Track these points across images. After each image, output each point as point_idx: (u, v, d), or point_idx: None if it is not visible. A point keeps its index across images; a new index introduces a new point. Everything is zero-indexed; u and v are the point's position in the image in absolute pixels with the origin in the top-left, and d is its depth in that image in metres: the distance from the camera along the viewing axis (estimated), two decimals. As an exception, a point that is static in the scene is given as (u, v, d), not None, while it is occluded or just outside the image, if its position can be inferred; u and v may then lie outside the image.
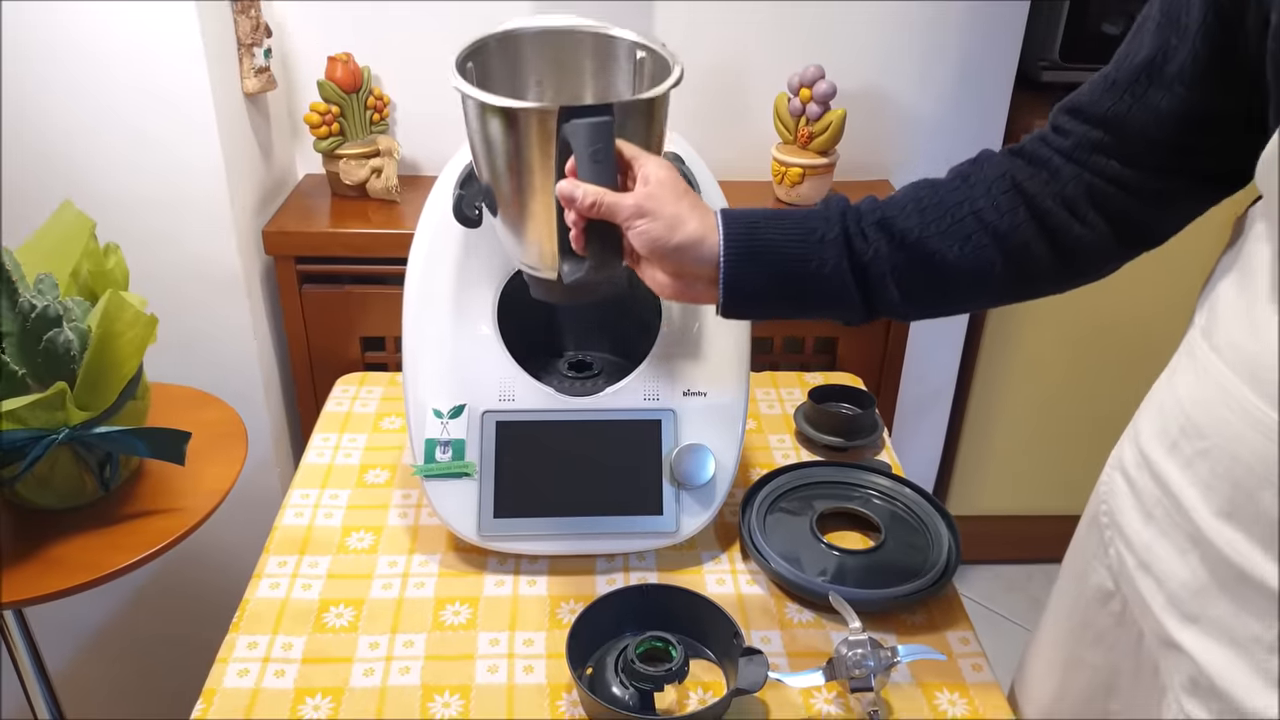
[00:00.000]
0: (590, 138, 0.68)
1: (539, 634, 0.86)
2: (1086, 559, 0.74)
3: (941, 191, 0.69)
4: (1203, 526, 0.60)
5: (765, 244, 0.68)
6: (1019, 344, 1.79)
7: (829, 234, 0.68)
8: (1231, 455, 0.58)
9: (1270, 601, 0.56)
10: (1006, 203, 0.68)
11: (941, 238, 0.68)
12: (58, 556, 0.90)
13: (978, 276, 0.69)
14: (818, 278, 0.68)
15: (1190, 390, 0.63)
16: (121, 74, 1.18)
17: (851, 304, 0.69)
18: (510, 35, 0.85)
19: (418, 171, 1.53)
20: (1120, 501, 0.70)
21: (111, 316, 0.90)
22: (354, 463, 1.10)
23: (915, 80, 1.50)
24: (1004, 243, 0.67)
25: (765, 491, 1.02)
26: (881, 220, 0.68)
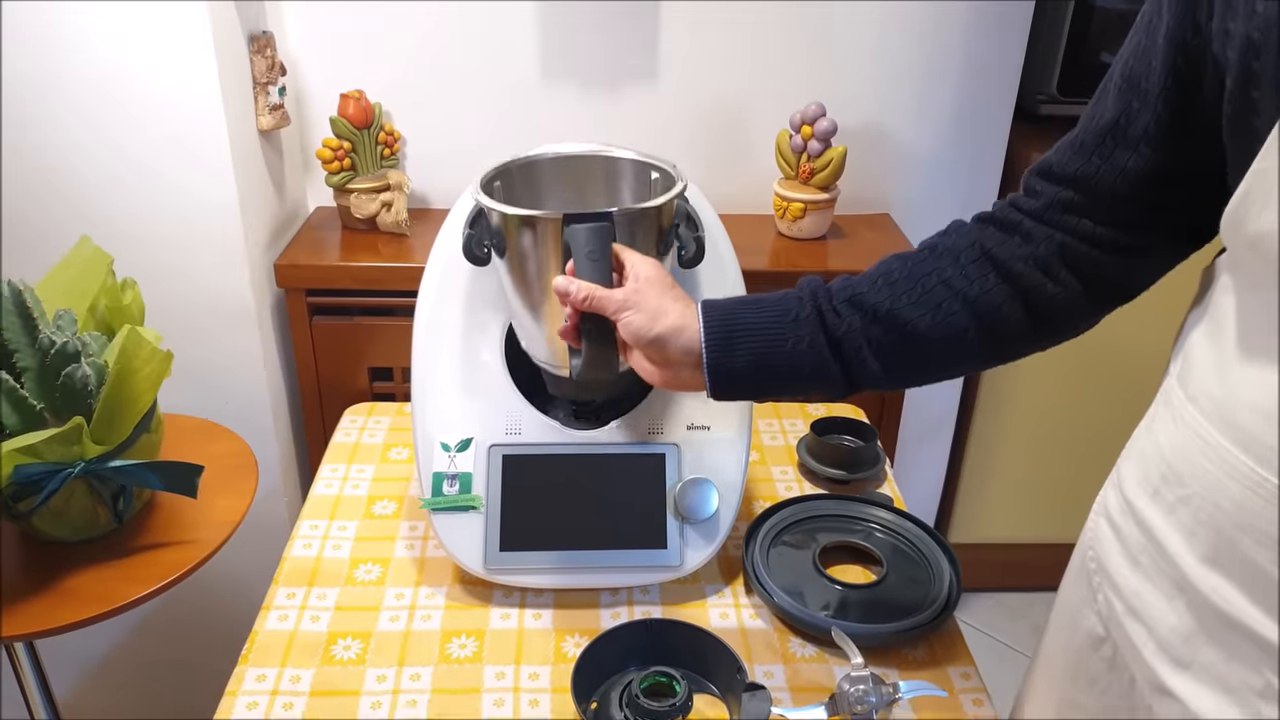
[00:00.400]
0: (586, 239, 0.76)
1: (544, 668, 0.87)
2: (1076, 604, 0.75)
3: (910, 264, 0.72)
4: (1188, 573, 0.61)
5: (743, 328, 0.73)
6: (1019, 373, 1.80)
7: (802, 313, 0.72)
8: (1213, 503, 0.59)
9: (1257, 647, 0.57)
10: (975, 270, 0.70)
11: (913, 308, 0.71)
12: (71, 588, 0.92)
13: (952, 343, 0.71)
14: (795, 355, 0.72)
15: (1169, 438, 0.64)
16: (140, 113, 1.21)
17: (832, 378, 0.73)
18: (531, 161, 0.95)
19: (427, 205, 1.56)
20: (1107, 548, 0.71)
21: (129, 353, 0.92)
22: (362, 494, 1.11)
23: (915, 116, 1.52)
24: (975, 307, 0.70)
25: (768, 525, 1.03)
26: (852, 297, 0.72)
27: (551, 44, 1.43)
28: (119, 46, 1.17)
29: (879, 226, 1.53)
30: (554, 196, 0.96)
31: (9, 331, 0.92)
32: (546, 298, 0.86)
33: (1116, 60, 0.67)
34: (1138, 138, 0.64)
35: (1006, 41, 1.49)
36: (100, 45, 1.16)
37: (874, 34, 1.45)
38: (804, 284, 0.75)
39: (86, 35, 1.16)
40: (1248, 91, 0.55)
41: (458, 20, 1.42)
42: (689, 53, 1.45)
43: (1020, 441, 1.88)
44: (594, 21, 1.42)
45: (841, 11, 1.43)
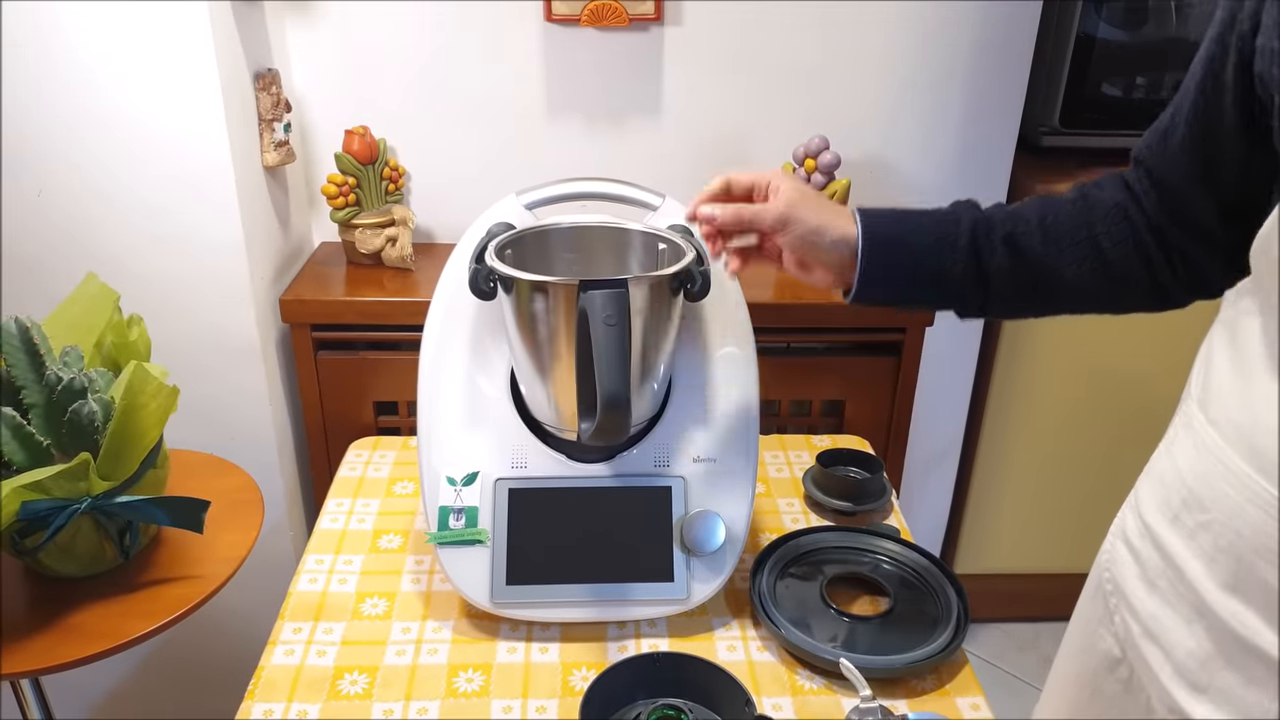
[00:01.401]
0: (603, 305, 0.79)
1: (551, 701, 0.87)
2: (1092, 626, 0.75)
3: (1065, 213, 0.74)
4: (1207, 598, 0.61)
5: (901, 247, 0.75)
6: (1025, 403, 1.80)
7: (960, 239, 0.74)
8: (1234, 530, 0.59)
9: (1273, 673, 0.57)
10: (1118, 231, 0.73)
11: (1060, 257, 0.73)
12: (77, 624, 0.92)
13: (1082, 294, 0.75)
14: (945, 278, 0.75)
15: (1190, 463, 0.64)
16: (146, 150, 1.22)
17: (966, 303, 0.76)
18: (544, 230, 0.98)
19: (432, 240, 1.57)
20: (1124, 570, 0.71)
21: (135, 389, 0.92)
22: (367, 528, 1.11)
23: (918, 149, 1.54)
24: (1111, 269, 0.73)
25: (775, 557, 1.03)
26: (1008, 236, 0.74)
27: (555, 79, 1.45)
28: (125, 84, 1.18)
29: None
30: (563, 263, 0.99)
31: (16, 368, 0.93)
32: (556, 362, 0.89)
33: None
34: (1180, 144, 0.67)
35: (1008, 74, 1.51)
36: (106, 82, 1.18)
37: (877, 67, 1.47)
38: (962, 211, 0.76)
39: (92, 72, 1.17)
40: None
41: (462, 56, 1.44)
42: (693, 86, 1.47)
43: (1026, 471, 1.87)
44: (597, 55, 1.44)
45: (845, 44, 1.45)
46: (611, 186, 1.01)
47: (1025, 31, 1.49)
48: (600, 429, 0.81)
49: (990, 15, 1.46)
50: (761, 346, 1.01)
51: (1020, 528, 1.92)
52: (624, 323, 0.80)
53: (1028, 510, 1.90)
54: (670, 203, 1.01)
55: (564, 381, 0.90)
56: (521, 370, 0.94)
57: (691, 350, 0.99)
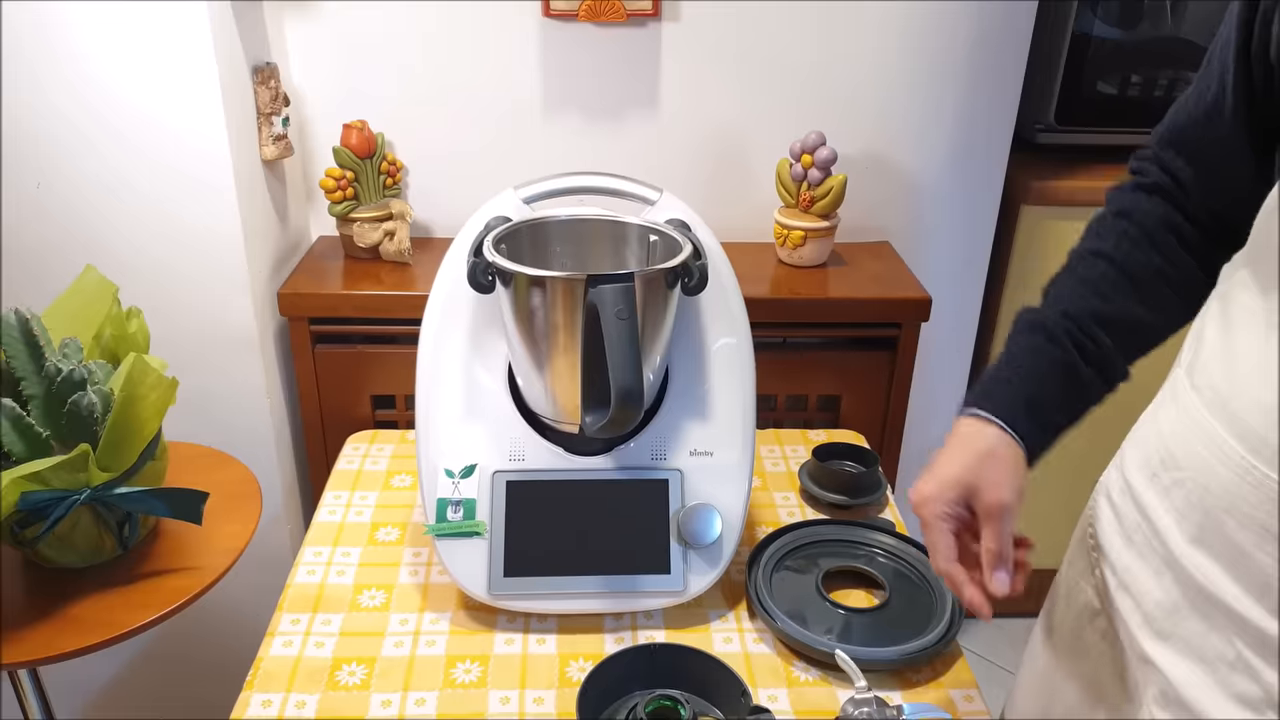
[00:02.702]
0: (614, 299, 0.80)
1: (549, 692, 0.87)
2: (1075, 578, 0.79)
3: (1119, 261, 0.75)
4: (1175, 551, 0.65)
5: (1034, 402, 0.75)
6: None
7: (1068, 358, 0.74)
8: (1203, 486, 0.62)
9: (1232, 622, 0.61)
10: (1173, 254, 0.74)
11: (1141, 307, 0.74)
12: (76, 615, 0.92)
13: (1169, 323, 0.76)
14: (1081, 401, 0.76)
15: (1171, 425, 0.67)
16: (144, 144, 1.22)
17: (1098, 392, 0.76)
18: (539, 222, 0.99)
19: (429, 234, 1.57)
20: (1105, 525, 0.75)
21: (134, 380, 0.92)
22: (365, 520, 1.11)
23: (914, 144, 1.54)
24: (1181, 289, 0.74)
25: (771, 550, 1.03)
26: (1097, 317, 0.74)
27: (553, 74, 1.46)
28: (124, 78, 1.18)
29: (879, 254, 1.55)
30: (557, 256, 1.00)
31: (15, 359, 0.93)
32: (557, 355, 0.89)
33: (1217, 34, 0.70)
34: (1233, 112, 0.68)
35: (1005, 71, 1.52)
36: (105, 76, 1.18)
37: (874, 63, 1.47)
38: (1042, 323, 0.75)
39: (92, 66, 1.17)
40: None
41: (460, 51, 1.44)
42: (690, 81, 1.47)
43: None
44: (595, 51, 1.44)
45: (842, 41, 1.45)
46: (609, 181, 1.02)
47: (1021, 29, 1.49)
48: (614, 421, 0.81)
49: (987, 13, 1.46)
50: (758, 341, 1.02)
51: (1014, 524, 1.93)
52: (634, 316, 0.81)
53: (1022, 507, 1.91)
54: (668, 197, 1.01)
55: (565, 375, 0.90)
56: (520, 364, 0.94)
57: (688, 344, 0.99)
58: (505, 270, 0.87)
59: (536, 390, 0.94)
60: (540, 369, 0.92)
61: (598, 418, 0.84)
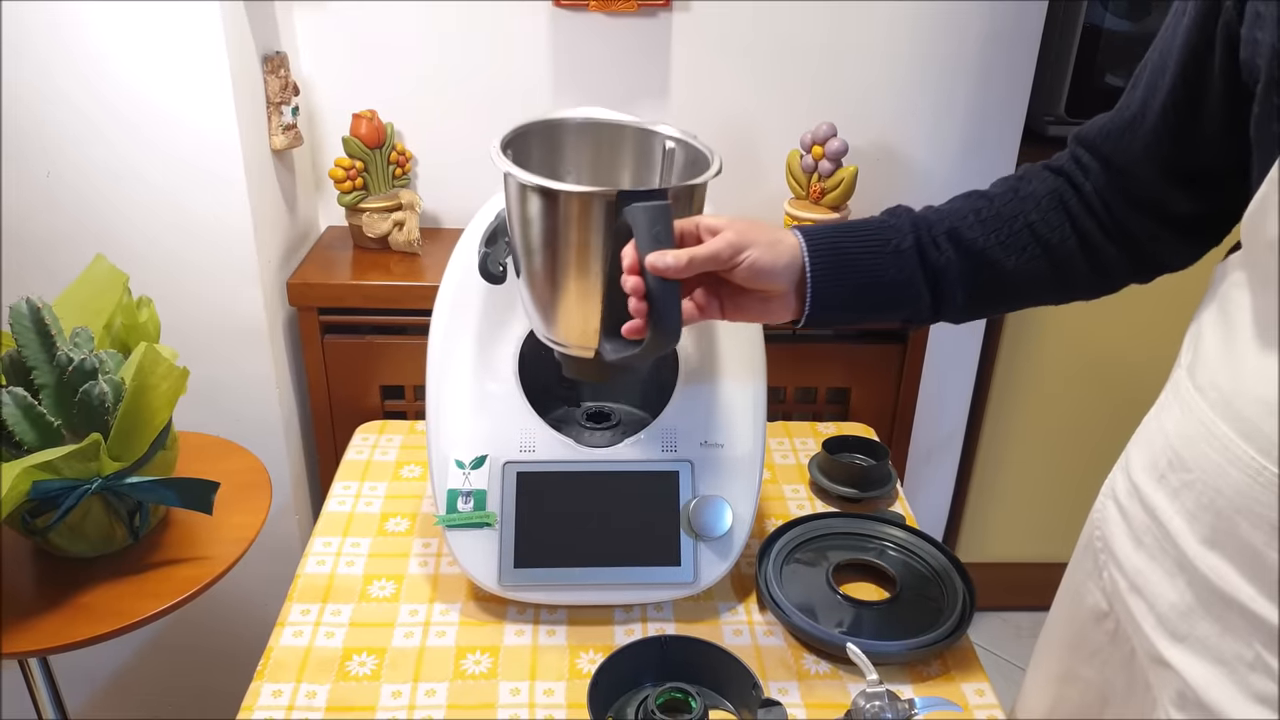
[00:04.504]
0: (652, 219, 0.72)
1: (559, 684, 0.87)
2: (1081, 580, 0.79)
3: (997, 204, 0.75)
4: (1189, 553, 0.65)
5: (848, 257, 0.73)
6: (1028, 392, 1.80)
7: (903, 244, 0.74)
8: (1214, 488, 0.62)
9: (1248, 623, 0.61)
10: (1054, 218, 0.74)
11: (1001, 248, 0.74)
12: (87, 603, 0.92)
13: (1028, 284, 0.75)
14: (895, 285, 0.74)
15: (1176, 426, 0.67)
16: (154, 133, 1.22)
17: (922, 308, 0.75)
18: (552, 124, 0.90)
19: (438, 225, 1.57)
20: (1113, 528, 0.74)
21: (145, 370, 0.92)
22: (375, 511, 1.11)
23: (925, 137, 1.54)
24: (1052, 255, 0.74)
25: (781, 543, 1.03)
26: (950, 231, 0.74)
27: (563, 65, 1.45)
28: (134, 66, 1.18)
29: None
30: (569, 166, 0.91)
31: (27, 348, 0.93)
32: (581, 275, 0.80)
33: (1149, 51, 0.71)
34: (1152, 130, 0.68)
35: (1015, 64, 1.51)
36: (115, 64, 1.18)
37: (884, 55, 1.47)
38: (899, 214, 0.76)
39: (102, 55, 1.17)
40: (1271, 98, 0.57)
41: (469, 41, 1.43)
42: (701, 72, 1.46)
43: (1028, 461, 1.88)
44: (605, 43, 1.44)
45: (853, 31, 1.44)
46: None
47: (1032, 22, 1.48)
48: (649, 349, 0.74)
49: (998, 6, 1.46)
50: (767, 333, 1.01)
51: (1022, 517, 1.93)
52: (671, 237, 0.73)
53: (1029, 499, 1.91)
54: None
55: (585, 297, 0.82)
56: (529, 282, 0.85)
57: (699, 336, 0.99)
58: (529, 184, 0.77)
59: (549, 313, 0.86)
60: (555, 289, 0.83)
61: (619, 346, 0.77)
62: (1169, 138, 0.67)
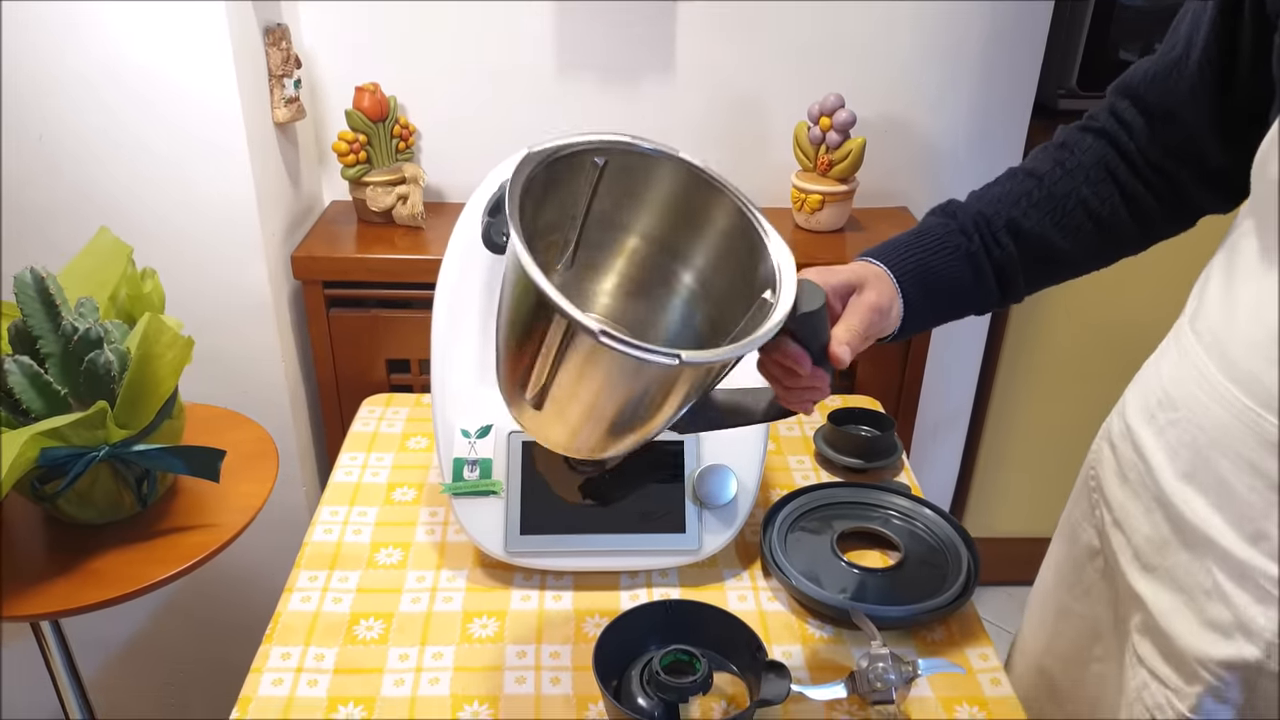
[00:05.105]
0: (821, 325, 0.66)
1: (565, 647, 0.88)
2: (1077, 520, 0.82)
3: (1047, 184, 0.75)
4: (1166, 488, 0.68)
5: (932, 274, 0.74)
6: (1035, 367, 1.80)
7: (972, 247, 0.75)
8: (1197, 425, 0.66)
9: (1213, 554, 0.64)
10: (1104, 190, 0.74)
11: (1057, 230, 0.74)
12: (96, 569, 0.93)
13: (1082, 258, 0.76)
14: (971, 289, 0.75)
15: (1171, 369, 0.70)
16: (156, 106, 1.22)
17: (991, 302, 0.77)
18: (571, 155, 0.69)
19: (442, 199, 1.57)
20: (1105, 468, 0.78)
21: (151, 338, 0.93)
22: (381, 481, 1.12)
23: (934, 109, 1.52)
24: (1103, 226, 0.75)
25: (786, 511, 1.03)
26: (1009, 223, 0.75)
27: (567, 36, 1.44)
28: (136, 39, 1.18)
29: (897, 220, 1.54)
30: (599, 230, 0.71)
31: (32, 318, 0.93)
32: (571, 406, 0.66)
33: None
34: (1197, 69, 0.68)
35: (1027, 36, 1.49)
36: (117, 38, 1.17)
37: (894, 26, 1.45)
38: (956, 213, 0.76)
39: (103, 28, 1.17)
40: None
41: (472, 13, 1.43)
42: (707, 44, 1.45)
43: (1035, 436, 1.88)
44: (610, 13, 1.43)
45: (860, 3, 1.43)
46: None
47: (1044, -8, 1.47)
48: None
49: (1008, -25, 1.44)
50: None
51: (1028, 492, 1.93)
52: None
53: (1036, 475, 1.91)
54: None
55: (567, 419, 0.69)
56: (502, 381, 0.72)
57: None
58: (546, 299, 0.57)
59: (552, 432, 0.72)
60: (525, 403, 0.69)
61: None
62: (1213, 76, 0.67)
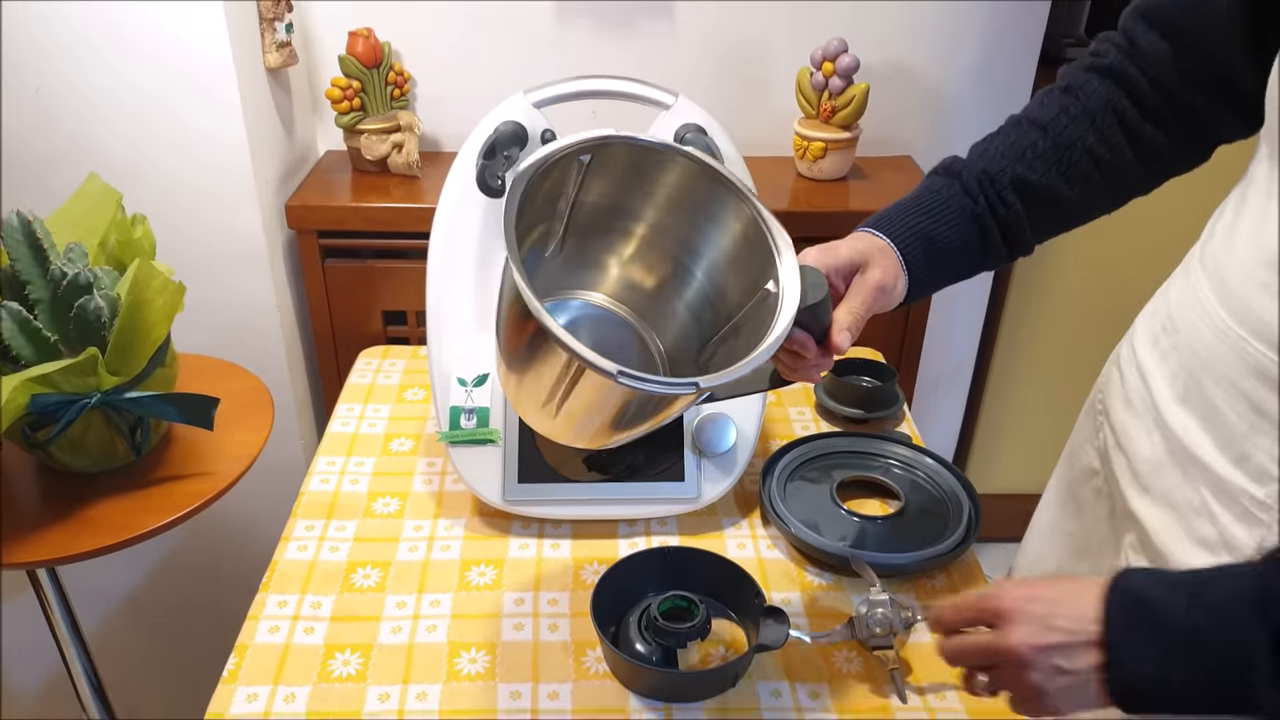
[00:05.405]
0: (823, 310, 0.69)
1: (563, 594, 0.87)
2: (1080, 443, 0.84)
3: (1052, 133, 0.73)
4: (1164, 411, 0.70)
5: (936, 242, 0.73)
6: (1038, 322, 1.78)
7: (976, 209, 0.73)
8: (1192, 349, 0.68)
9: (1203, 473, 0.66)
10: (1111, 135, 0.73)
11: (1063, 180, 0.73)
12: (91, 517, 0.92)
13: (1089, 206, 0.75)
14: (977, 250, 0.75)
15: (1177, 295, 0.72)
16: (145, 49, 1.19)
17: (999, 258, 0.76)
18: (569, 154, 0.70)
19: (438, 148, 1.54)
20: (1112, 391, 0.79)
21: (141, 284, 0.91)
22: (378, 432, 1.11)
23: (939, 56, 1.49)
24: (1110, 173, 0.73)
25: (785, 460, 1.02)
26: (1014, 179, 0.73)
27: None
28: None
29: (901, 168, 1.51)
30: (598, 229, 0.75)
31: (20, 262, 0.91)
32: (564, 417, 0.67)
33: None
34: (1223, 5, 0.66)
35: (1032, -19, 1.46)
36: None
37: (894, -31, 1.42)
38: (960, 174, 0.75)
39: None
40: None
41: (469, -44, 1.39)
42: (706, -11, 1.42)
43: (1038, 392, 1.87)
44: (608, -43, 1.39)
45: (861, -55, 1.40)
46: (622, 84, 0.98)
47: (1053, -65, 1.43)
48: None
49: (1017, -85, 1.40)
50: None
51: (1031, 448, 1.92)
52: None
53: (1039, 431, 1.90)
54: (683, 101, 0.98)
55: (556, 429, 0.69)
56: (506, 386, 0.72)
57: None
58: (546, 331, 0.61)
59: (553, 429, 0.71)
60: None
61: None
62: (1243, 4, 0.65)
